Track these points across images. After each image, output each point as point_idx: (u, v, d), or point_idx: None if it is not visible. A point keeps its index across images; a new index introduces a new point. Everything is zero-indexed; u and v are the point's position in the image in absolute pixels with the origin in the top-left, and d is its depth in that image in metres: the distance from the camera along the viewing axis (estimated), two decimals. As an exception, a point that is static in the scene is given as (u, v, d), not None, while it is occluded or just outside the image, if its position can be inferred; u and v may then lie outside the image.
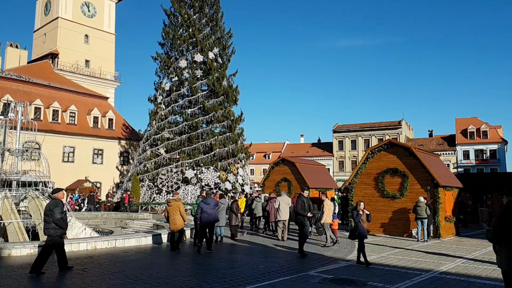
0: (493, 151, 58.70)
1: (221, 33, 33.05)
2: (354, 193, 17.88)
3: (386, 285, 7.55)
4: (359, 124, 67.90)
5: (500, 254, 4.87)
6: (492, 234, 4.86)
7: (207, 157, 29.89)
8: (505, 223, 4.76)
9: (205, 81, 31.08)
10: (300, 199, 10.99)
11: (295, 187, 22.18)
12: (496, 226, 4.84)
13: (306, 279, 8.03)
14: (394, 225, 16.52)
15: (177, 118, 31.97)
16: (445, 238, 15.83)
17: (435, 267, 9.61)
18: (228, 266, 9.35)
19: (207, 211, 11.39)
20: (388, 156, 17.26)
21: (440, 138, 64.70)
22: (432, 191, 15.88)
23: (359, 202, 10.12)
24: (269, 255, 11.09)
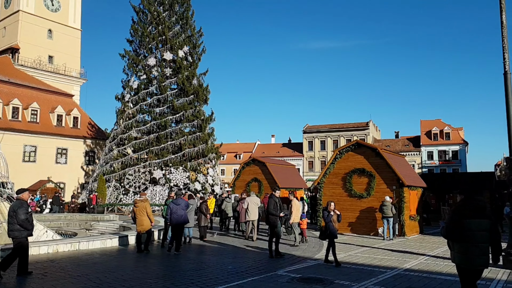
0: (455, 152, 61.27)
1: (192, 32, 32.68)
2: (323, 193, 18.12)
3: (353, 283, 7.66)
4: (328, 125, 69.08)
5: (453, 249, 5.15)
6: (445, 231, 5.12)
7: (176, 157, 29.44)
8: (456, 220, 5.02)
9: (174, 79, 30.62)
10: (272, 199, 10.99)
11: (266, 187, 22.23)
12: (449, 223, 5.09)
13: (275, 278, 8.03)
14: (361, 224, 16.86)
15: (145, 117, 31.31)
16: (410, 236, 16.32)
17: (399, 264, 9.86)
18: (196, 267, 9.21)
19: (177, 212, 11.31)
20: (356, 156, 17.62)
21: (406, 139, 66.86)
22: (398, 191, 16.34)
23: (329, 202, 10.19)
24: (238, 255, 11.02)
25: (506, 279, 8.36)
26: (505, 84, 10.30)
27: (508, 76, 10.28)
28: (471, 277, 5.10)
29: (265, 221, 11.67)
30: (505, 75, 10.32)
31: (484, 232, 4.96)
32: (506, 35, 10.42)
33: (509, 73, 10.29)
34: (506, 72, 10.30)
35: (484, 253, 4.98)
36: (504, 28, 10.45)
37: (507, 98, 10.26)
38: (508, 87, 10.25)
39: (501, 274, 8.85)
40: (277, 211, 10.77)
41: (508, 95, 10.25)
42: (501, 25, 10.50)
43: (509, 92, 10.24)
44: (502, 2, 10.50)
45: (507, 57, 10.34)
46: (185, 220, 11.56)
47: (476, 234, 4.95)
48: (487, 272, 8.98)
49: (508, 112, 10.22)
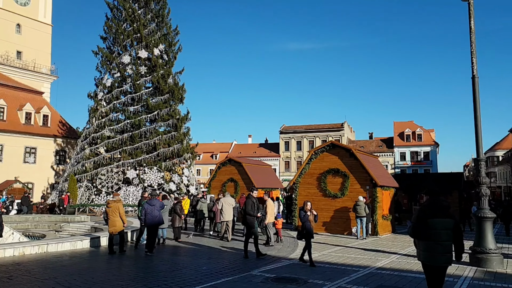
0: (427, 153, 63.06)
1: (167, 30, 32.22)
2: (298, 193, 18.26)
3: (326, 282, 7.73)
4: (304, 126, 69.72)
5: (418, 247, 5.35)
6: (412, 230, 5.32)
7: (150, 157, 28.95)
8: (422, 219, 5.21)
9: (149, 78, 30.09)
10: (249, 199, 10.96)
11: (242, 188, 22.20)
12: (415, 222, 5.29)
13: (249, 279, 8.00)
14: (335, 224, 17.09)
15: (119, 116, 30.57)
16: (382, 235, 16.66)
17: (372, 263, 10.04)
18: (170, 268, 9.07)
19: (151, 213, 11.23)
20: (331, 157, 17.84)
21: (380, 140, 68.31)
22: (371, 191, 16.65)
23: (306, 202, 10.23)
24: (213, 256, 10.93)
25: (472, 276, 8.64)
26: (473, 88, 10.65)
27: (476, 80, 10.64)
28: (436, 275, 5.27)
29: (241, 222, 11.62)
30: (473, 79, 10.68)
31: (448, 231, 5.17)
32: (474, 40, 10.78)
33: (477, 77, 10.65)
34: (474, 76, 10.66)
35: (447, 251, 5.18)
36: (472, 33, 10.81)
37: (474, 101, 10.62)
38: (476, 91, 10.61)
39: (468, 271, 9.15)
40: (254, 212, 10.76)
41: (476, 98, 10.61)
42: (470, 30, 10.86)
43: (477, 95, 10.60)
44: (470, 9, 10.86)
45: (475, 62, 10.70)
46: (160, 221, 11.50)
47: (440, 233, 5.14)
48: (454, 269, 9.27)
49: (475, 114, 10.58)
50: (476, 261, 9.78)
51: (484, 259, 9.65)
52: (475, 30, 10.86)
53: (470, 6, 10.84)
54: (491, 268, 9.42)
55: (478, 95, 10.62)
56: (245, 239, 10.86)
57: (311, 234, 9.74)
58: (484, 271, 9.18)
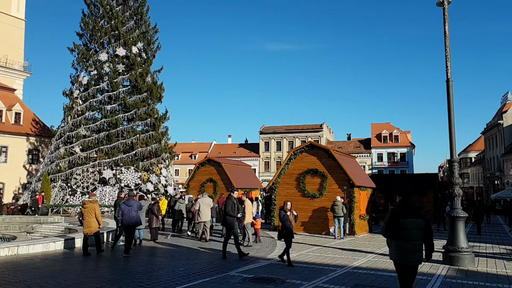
0: (403, 154, 64.43)
1: (146, 28, 31.74)
2: (277, 193, 18.33)
3: (304, 282, 7.76)
4: (284, 126, 70.06)
5: (391, 247, 5.51)
6: (385, 230, 5.48)
7: (127, 156, 28.44)
8: (394, 219, 5.36)
9: (127, 76, 29.56)
10: (230, 200, 10.91)
11: (221, 188, 22.09)
12: (388, 222, 5.44)
13: (227, 279, 7.95)
14: (313, 224, 17.22)
15: (95, 115, 29.91)
16: (359, 235, 16.89)
17: (349, 262, 10.15)
18: (146, 269, 8.92)
19: (128, 213, 11.09)
20: (309, 157, 17.99)
21: (357, 141, 69.34)
22: (348, 191, 16.87)
23: (286, 202, 10.21)
24: (191, 257, 10.82)
25: (445, 274, 8.86)
26: (447, 91, 10.93)
27: (450, 83, 10.91)
28: (407, 273, 5.43)
29: (221, 223, 11.56)
30: (447, 82, 10.95)
31: (419, 231, 5.34)
32: (449, 44, 11.05)
33: (451, 80, 10.93)
34: (449, 79, 10.93)
35: (418, 250, 5.35)
36: (447, 38, 11.09)
37: (449, 104, 10.90)
38: (450, 94, 10.89)
39: (441, 269, 9.37)
40: (235, 212, 10.72)
41: (450, 101, 10.88)
42: (444, 35, 11.13)
43: (451, 98, 10.88)
44: (445, 14, 11.13)
45: (449, 66, 10.97)
46: (137, 222, 11.39)
47: (411, 233, 5.31)
48: (428, 268, 9.48)
49: (449, 117, 10.86)
50: (449, 259, 10.03)
51: (457, 257, 9.91)
52: (450, 35, 11.14)
53: (445, 11, 11.12)
54: (463, 266, 9.68)
55: (452, 98, 10.90)
56: (225, 239, 10.80)
57: (291, 234, 9.75)
58: (456, 269, 9.42)
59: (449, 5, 11.17)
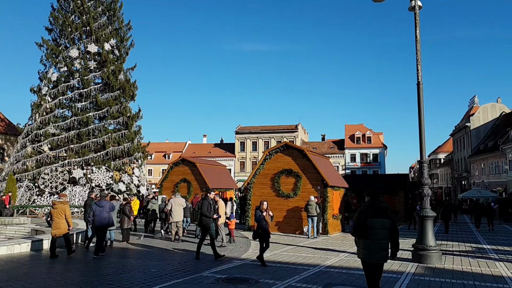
0: (375, 155, 65.88)
1: (120, 24, 31.04)
2: (252, 193, 18.34)
3: (277, 282, 7.78)
4: (260, 127, 70.21)
5: (358, 245, 5.67)
6: (353, 229, 5.63)
7: (98, 155, 27.71)
8: (362, 219, 5.51)
9: (99, 73, 28.81)
10: (206, 200, 10.82)
11: (195, 188, 21.89)
12: (356, 222, 5.58)
13: (199, 280, 7.87)
14: (287, 223, 17.33)
15: (65, 112, 28.99)
16: (332, 234, 17.13)
17: (321, 261, 10.26)
18: (117, 271, 8.71)
19: (100, 214, 10.89)
20: (284, 157, 18.10)
21: (331, 142, 70.38)
22: (322, 191, 17.08)
23: (262, 202, 10.14)
24: (164, 258, 10.65)
25: (414, 272, 9.09)
26: (418, 94, 11.23)
27: (420, 86, 11.22)
28: (374, 270, 5.58)
29: (197, 223, 11.44)
30: (418, 85, 11.25)
31: (385, 230, 5.50)
32: (420, 48, 11.35)
33: (421, 83, 11.23)
34: (419, 82, 11.23)
35: (384, 249, 5.50)
36: (418, 42, 11.38)
37: (419, 106, 11.20)
38: (421, 96, 11.19)
39: (410, 267, 9.62)
40: (211, 213, 10.63)
41: (420, 103, 11.18)
42: (415, 39, 11.43)
43: (421, 100, 11.19)
44: (416, 18, 11.43)
45: (420, 69, 11.27)
46: (109, 223, 11.20)
47: (378, 232, 5.46)
48: (398, 266, 9.71)
49: (420, 119, 11.15)
50: (418, 257, 10.30)
51: (425, 255, 10.19)
52: (420, 39, 11.44)
53: (416, 16, 11.41)
54: (431, 264, 9.97)
55: (422, 100, 11.20)
56: (200, 240, 10.71)
57: (268, 234, 9.71)
58: (424, 267, 9.69)
59: (421, 10, 11.46)
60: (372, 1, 11.39)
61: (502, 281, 8.35)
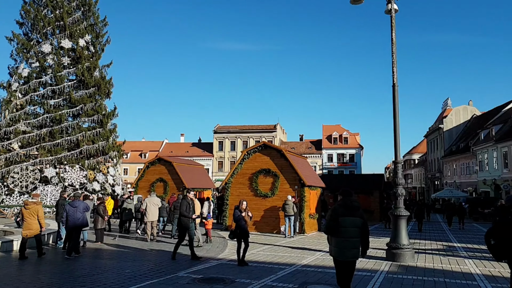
0: (352, 155, 66.92)
1: (95, 20, 30.26)
2: (230, 193, 18.28)
3: (253, 281, 7.77)
4: (238, 126, 70.11)
5: (331, 243, 5.77)
6: (326, 227, 5.73)
7: (72, 154, 26.96)
8: (334, 217, 5.62)
9: (73, 70, 28.02)
10: (185, 200, 10.72)
11: (172, 188, 21.62)
12: (329, 220, 5.69)
13: (175, 280, 7.76)
14: (265, 223, 17.36)
15: (37, 109, 28.02)
16: (309, 233, 17.27)
17: (298, 261, 10.32)
18: (90, 272, 8.49)
19: (73, 214, 10.67)
20: (262, 157, 18.13)
21: (309, 142, 71.06)
22: (299, 190, 17.19)
23: (241, 201, 10.05)
24: (138, 258, 10.46)
25: (388, 270, 9.27)
26: (393, 95, 11.44)
27: (395, 88, 11.43)
28: (346, 268, 5.70)
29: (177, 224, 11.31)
30: (393, 87, 11.46)
31: (356, 229, 5.62)
32: (395, 51, 11.57)
33: (396, 85, 11.45)
34: (394, 84, 11.45)
35: (355, 247, 5.63)
36: (393, 44, 11.60)
37: (394, 108, 11.41)
38: (396, 98, 11.41)
39: (384, 266, 9.80)
40: (190, 213, 10.52)
41: (395, 105, 11.40)
42: (391, 42, 11.64)
43: (396, 102, 11.40)
44: (392, 21, 11.65)
45: (395, 71, 11.49)
46: (83, 224, 10.98)
47: (350, 230, 5.59)
48: (372, 264, 9.88)
49: (395, 120, 11.37)
50: (392, 256, 10.51)
51: (398, 254, 10.41)
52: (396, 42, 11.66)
53: (392, 19, 11.63)
54: (404, 262, 10.18)
55: (397, 102, 11.42)
56: (178, 241, 10.59)
57: (247, 234, 9.66)
58: (398, 265, 9.90)
59: (397, 14, 11.69)
60: (350, 3, 11.54)
61: (470, 277, 8.62)
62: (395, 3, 11.53)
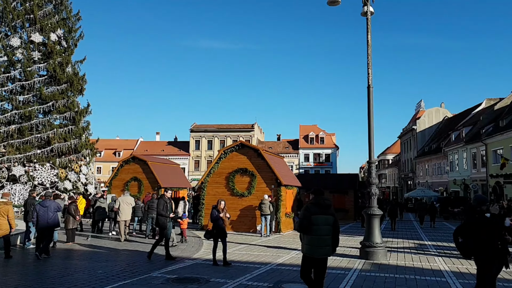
0: (328, 155, 67.81)
1: (67, 14, 29.36)
2: (206, 192, 18.15)
3: (228, 281, 7.73)
4: (216, 125, 69.73)
5: (303, 241, 5.84)
6: (298, 225, 5.81)
7: (42, 152, 26.10)
8: (307, 216, 5.69)
9: (44, 65, 27.09)
10: (162, 199, 10.57)
11: (146, 187, 21.26)
12: (302, 219, 5.77)
13: (148, 281, 7.63)
14: (241, 222, 17.33)
15: (5, 105, 26.97)
16: (285, 232, 17.36)
17: (273, 259, 10.35)
18: (60, 274, 8.23)
19: (44, 214, 10.39)
20: (239, 156, 18.09)
21: (286, 142, 71.52)
22: (276, 190, 17.25)
23: (220, 201, 9.93)
24: (111, 258, 10.23)
25: (361, 268, 9.42)
26: (368, 97, 11.62)
27: (370, 90, 11.62)
28: (318, 266, 5.79)
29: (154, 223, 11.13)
30: (368, 89, 11.65)
31: (328, 226, 5.74)
32: (371, 53, 11.76)
33: (371, 86, 11.64)
34: (369, 85, 11.63)
35: (327, 244, 5.73)
36: (369, 46, 11.79)
37: (369, 109, 11.60)
38: (371, 99, 11.60)
39: (357, 264, 9.96)
40: (167, 212, 10.37)
41: (370, 106, 11.59)
42: (367, 43, 11.83)
43: (371, 103, 11.59)
44: (368, 24, 11.84)
45: (370, 73, 11.68)
46: (54, 224, 10.69)
47: (322, 228, 5.70)
48: (346, 263, 10.02)
49: (369, 121, 11.56)
50: (365, 254, 10.69)
51: (372, 252, 10.60)
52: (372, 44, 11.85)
53: (368, 22, 11.82)
54: (377, 260, 10.38)
55: (372, 103, 11.61)
56: (157, 240, 10.43)
57: (225, 233, 9.56)
58: (371, 263, 10.07)
59: (373, 16, 11.88)
60: (327, 4, 11.64)
61: (440, 274, 8.88)
62: (371, 6, 11.72)
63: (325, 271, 5.87)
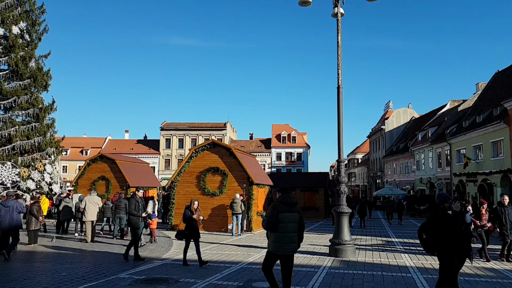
0: (300, 154, 68.55)
1: (31, 6, 28.08)
2: (176, 191, 17.91)
3: (198, 280, 7.64)
4: (187, 123, 68.92)
5: (269, 238, 5.92)
6: (266, 223, 5.86)
7: (3, 150, 24.91)
8: (274, 213, 5.77)
9: (5, 59, 25.80)
10: (133, 199, 10.34)
11: (114, 186, 20.74)
12: (269, 216, 5.85)
13: (116, 282, 7.43)
14: (212, 221, 17.21)
15: (-39, 100, 25.59)
16: (256, 231, 17.39)
17: (244, 258, 10.33)
18: (21, 277, 7.87)
19: (6, 215, 10.12)
20: (211, 155, 17.95)
21: (259, 141, 71.73)
22: (247, 189, 17.25)
23: (193, 201, 9.76)
24: (76, 260, 9.90)
25: (330, 265, 9.57)
26: (338, 97, 11.81)
27: (340, 90, 11.82)
28: (285, 263, 5.85)
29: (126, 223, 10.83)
30: (338, 89, 11.84)
31: (294, 224, 5.84)
32: (341, 54, 11.95)
33: (341, 87, 11.84)
34: (339, 86, 11.82)
35: (292, 241, 5.83)
36: (339, 47, 11.97)
37: (338, 109, 11.80)
38: (340, 99, 11.80)
39: (327, 261, 10.11)
40: (139, 212, 10.13)
41: (339, 106, 11.79)
42: (337, 44, 12.01)
43: (340, 103, 11.79)
44: (338, 25, 12.02)
45: (340, 73, 11.87)
46: (18, 225, 10.38)
47: (289, 226, 5.79)
48: (316, 260, 10.15)
49: (339, 120, 11.76)
50: (334, 251, 10.86)
51: (341, 249, 10.78)
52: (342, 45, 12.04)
53: (338, 23, 12.00)
54: (346, 258, 10.57)
55: (342, 103, 11.82)
56: (131, 241, 10.16)
57: (198, 234, 9.42)
58: (340, 260, 10.25)
59: (343, 18, 12.06)
60: (298, 4, 11.72)
61: (405, 270, 9.15)
62: (341, 7, 11.90)
63: (292, 267, 5.93)
